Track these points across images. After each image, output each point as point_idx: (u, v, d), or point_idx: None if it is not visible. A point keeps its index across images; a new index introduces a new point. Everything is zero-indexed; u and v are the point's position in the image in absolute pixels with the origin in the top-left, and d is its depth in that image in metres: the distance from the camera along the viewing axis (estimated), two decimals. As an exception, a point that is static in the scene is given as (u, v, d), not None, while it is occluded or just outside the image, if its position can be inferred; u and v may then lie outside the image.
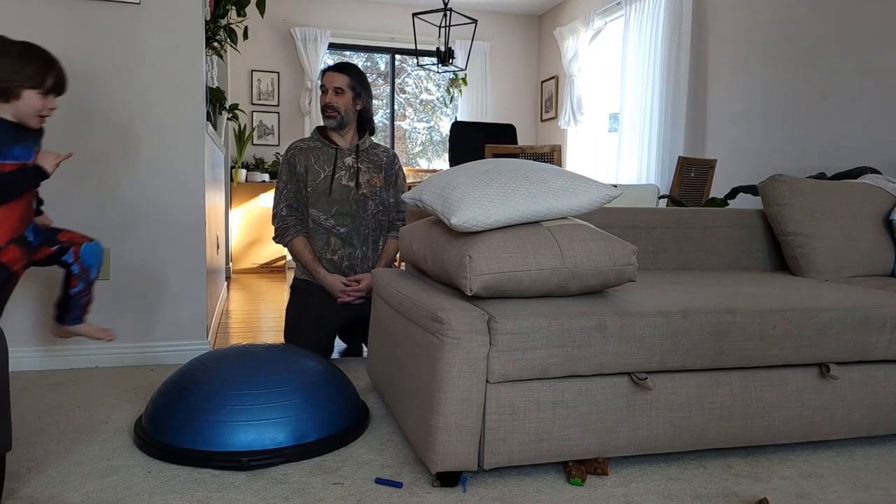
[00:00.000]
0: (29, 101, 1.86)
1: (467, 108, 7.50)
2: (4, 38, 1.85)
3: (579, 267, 1.69)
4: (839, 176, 3.42)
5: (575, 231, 1.74)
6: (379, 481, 1.65)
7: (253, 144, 6.82)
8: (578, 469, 1.68)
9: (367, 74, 7.53)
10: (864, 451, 1.94)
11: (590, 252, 1.70)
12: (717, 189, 4.66)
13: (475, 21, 5.77)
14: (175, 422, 1.79)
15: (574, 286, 1.71)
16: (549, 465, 1.77)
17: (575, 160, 6.90)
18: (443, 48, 5.77)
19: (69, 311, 2.11)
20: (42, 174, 1.91)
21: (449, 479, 1.64)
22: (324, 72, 2.90)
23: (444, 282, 1.87)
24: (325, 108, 2.84)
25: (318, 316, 2.81)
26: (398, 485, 1.64)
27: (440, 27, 5.69)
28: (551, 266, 1.66)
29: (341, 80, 2.83)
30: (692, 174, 4.05)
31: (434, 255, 1.85)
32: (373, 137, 3.02)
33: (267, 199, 6.23)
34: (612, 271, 1.72)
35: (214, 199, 3.74)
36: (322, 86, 2.86)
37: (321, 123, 3.03)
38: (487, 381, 1.59)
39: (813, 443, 1.98)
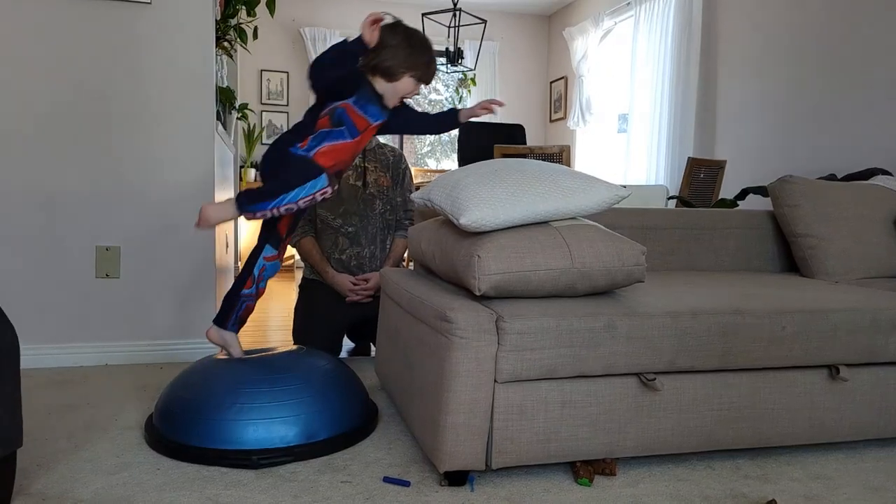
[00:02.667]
0: (404, 84, 1.95)
1: (476, 109, 7.48)
2: (407, 27, 1.95)
3: (588, 267, 1.68)
4: (849, 177, 3.40)
5: (584, 231, 1.74)
6: (387, 480, 1.66)
7: (262, 144, 6.84)
8: (586, 469, 1.68)
9: (377, 74, 7.53)
10: (873, 453, 1.93)
11: (599, 252, 1.70)
12: (727, 190, 4.64)
13: (485, 21, 5.77)
14: (185, 419, 1.80)
15: (582, 286, 1.71)
16: (556, 465, 1.77)
17: (584, 161, 6.89)
18: (452, 48, 5.77)
19: (232, 313, 2.03)
20: (360, 45, 1.83)
21: (457, 479, 1.64)
22: None
23: (452, 281, 1.87)
24: None
25: (326, 315, 2.82)
26: (406, 484, 1.64)
27: (449, 27, 5.69)
28: (560, 266, 1.66)
29: None
30: (701, 175, 4.04)
31: (443, 255, 1.85)
32: (380, 137, 3.03)
33: (276, 199, 6.24)
34: (621, 272, 1.72)
35: (224, 198, 3.75)
36: None
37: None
38: (495, 380, 1.60)
39: (822, 445, 1.97)
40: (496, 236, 1.67)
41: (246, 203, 1.86)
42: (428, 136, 7.93)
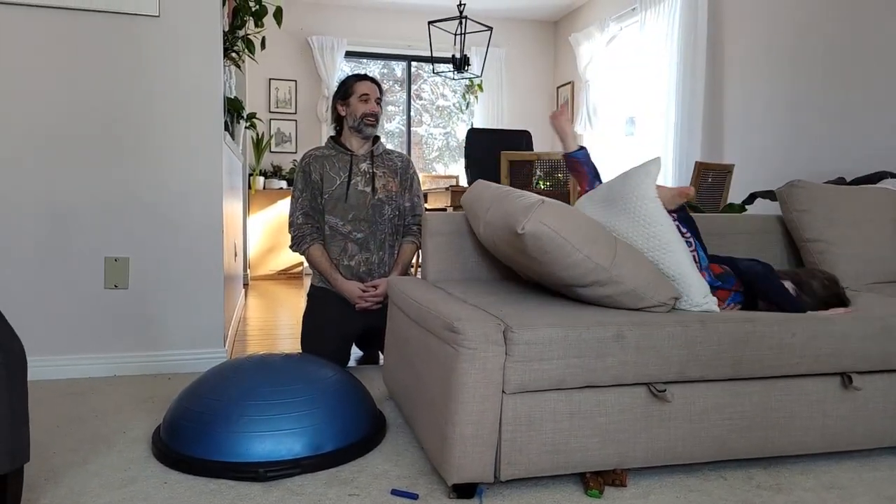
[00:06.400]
0: None
1: (483, 114, 7.49)
2: None
3: (621, 279, 1.72)
4: (858, 181, 3.38)
5: (637, 255, 1.78)
6: (395, 493, 1.65)
7: (270, 152, 6.86)
8: (596, 480, 1.66)
9: (384, 81, 7.57)
10: (887, 461, 1.90)
11: (637, 274, 1.74)
12: (735, 194, 4.61)
13: (490, 28, 5.77)
14: (192, 432, 1.79)
15: (603, 292, 1.73)
16: (566, 476, 1.75)
17: (591, 165, 6.86)
18: (458, 55, 5.78)
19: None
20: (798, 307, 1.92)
21: (465, 491, 1.63)
22: (358, 80, 2.93)
23: (493, 230, 1.87)
24: (369, 116, 2.90)
25: (335, 323, 2.82)
26: (414, 496, 1.63)
27: (456, 35, 5.70)
28: (599, 263, 1.69)
29: (378, 92, 2.95)
30: (709, 179, 4.01)
31: (500, 202, 1.86)
32: (388, 144, 3.06)
33: (284, 206, 6.26)
34: (647, 301, 1.77)
35: (232, 207, 3.76)
36: (364, 94, 2.90)
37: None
38: (503, 391, 1.58)
39: (835, 453, 1.95)
40: (566, 206, 1.73)
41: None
42: (436, 141, 7.93)
